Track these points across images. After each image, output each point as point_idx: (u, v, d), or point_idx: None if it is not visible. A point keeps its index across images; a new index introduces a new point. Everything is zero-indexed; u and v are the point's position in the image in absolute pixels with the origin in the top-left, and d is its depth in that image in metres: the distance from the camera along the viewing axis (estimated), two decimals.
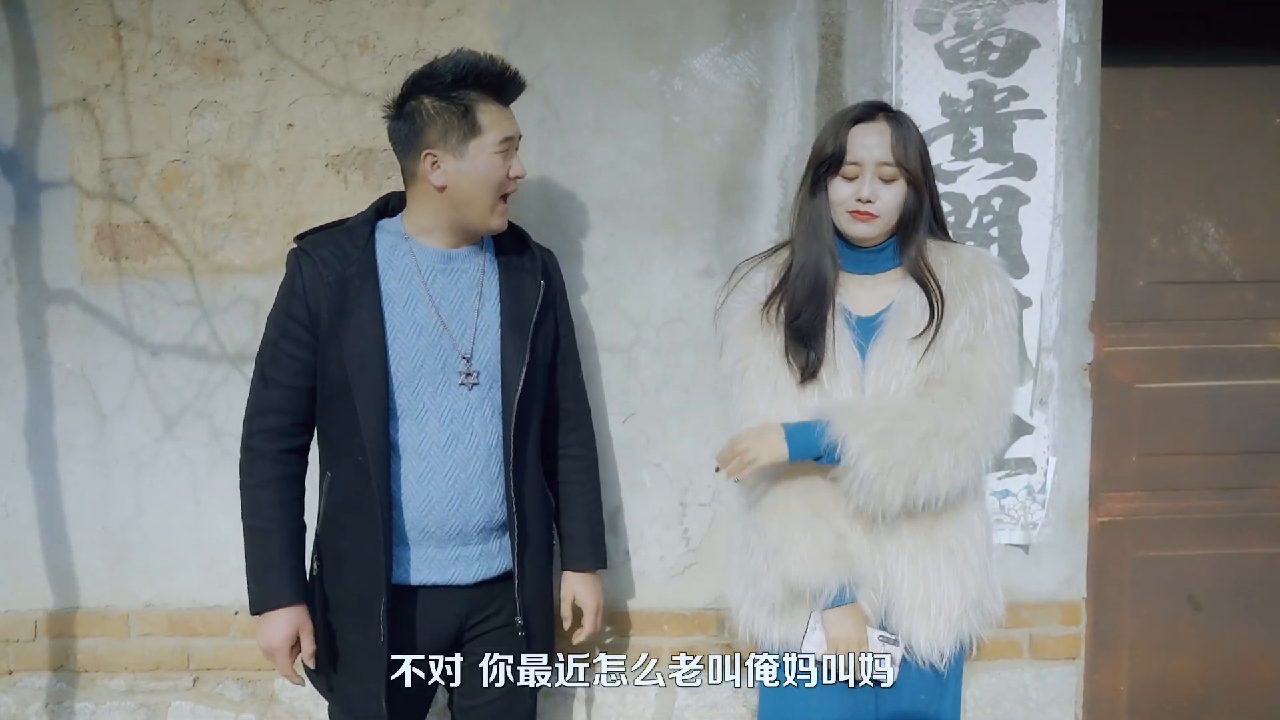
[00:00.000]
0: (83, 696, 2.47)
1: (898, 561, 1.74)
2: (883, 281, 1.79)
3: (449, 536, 1.82)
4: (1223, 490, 2.57)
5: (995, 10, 2.27)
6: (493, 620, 1.89)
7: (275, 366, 1.82)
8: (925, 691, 1.79)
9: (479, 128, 1.76)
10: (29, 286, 2.37)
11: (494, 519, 1.85)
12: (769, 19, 2.31)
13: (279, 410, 1.82)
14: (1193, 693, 2.62)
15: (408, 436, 1.80)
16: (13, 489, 2.43)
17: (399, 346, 1.79)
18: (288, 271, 1.84)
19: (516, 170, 1.82)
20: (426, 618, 1.84)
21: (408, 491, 1.81)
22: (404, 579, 1.83)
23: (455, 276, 1.85)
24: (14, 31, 2.30)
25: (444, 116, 1.76)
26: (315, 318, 1.78)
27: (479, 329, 1.84)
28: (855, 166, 1.71)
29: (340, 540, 1.83)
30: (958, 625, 1.74)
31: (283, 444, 1.84)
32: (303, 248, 1.83)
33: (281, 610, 1.79)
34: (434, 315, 1.82)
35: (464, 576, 1.84)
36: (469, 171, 1.77)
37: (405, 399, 1.79)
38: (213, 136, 2.34)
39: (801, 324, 1.74)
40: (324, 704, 2.47)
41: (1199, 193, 2.50)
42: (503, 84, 1.80)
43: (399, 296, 1.81)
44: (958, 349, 1.70)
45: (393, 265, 1.83)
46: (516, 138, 1.83)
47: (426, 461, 1.80)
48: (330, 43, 2.31)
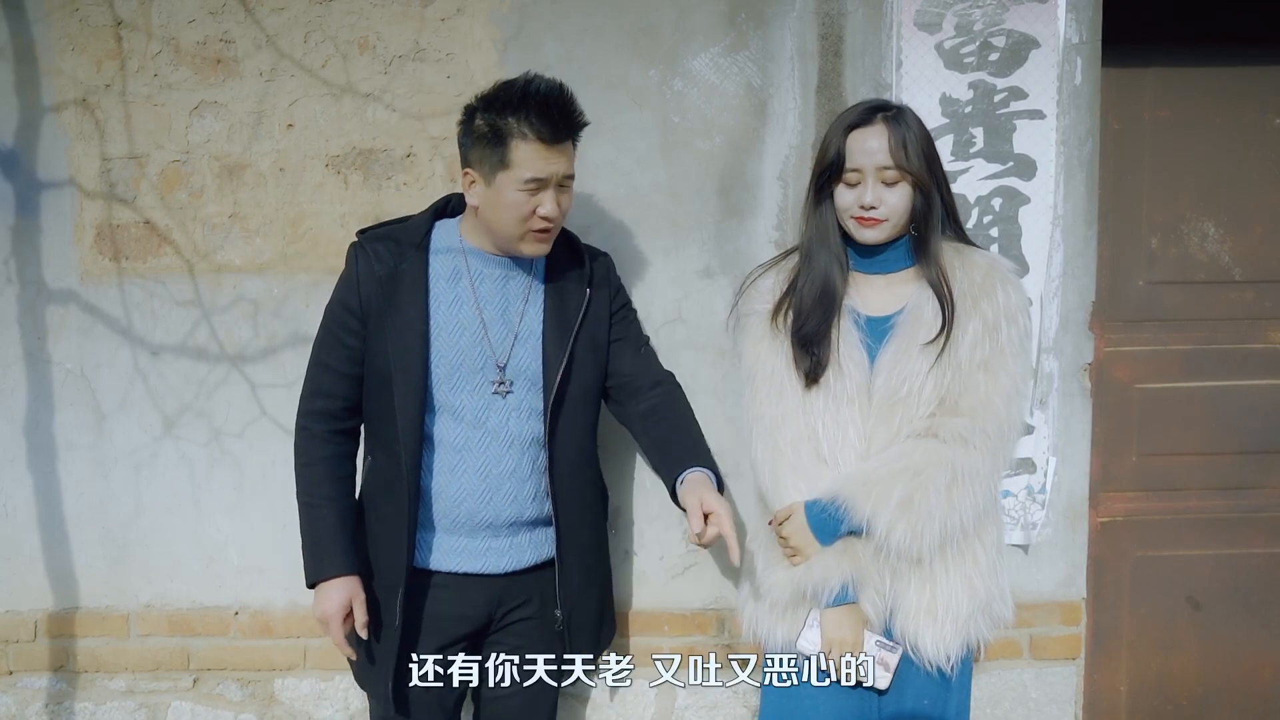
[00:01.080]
0: (83, 697, 2.47)
1: (905, 562, 1.72)
2: (896, 281, 1.78)
3: (479, 528, 1.87)
4: (1222, 490, 2.57)
5: (995, 10, 2.27)
6: (523, 610, 1.93)
7: (328, 352, 1.89)
8: (928, 695, 1.78)
9: (508, 162, 1.74)
10: (29, 286, 2.37)
11: (525, 514, 1.89)
12: (769, 19, 2.31)
13: (330, 394, 1.90)
14: (1192, 693, 2.62)
15: (444, 430, 1.85)
16: (12, 489, 2.43)
17: (441, 344, 1.83)
18: (346, 263, 1.89)
19: (546, 210, 1.76)
20: (455, 603, 1.89)
21: (440, 483, 1.86)
22: (434, 565, 1.88)
23: (503, 282, 1.88)
24: (14, 31, 2.30)
25: (484, 142, 1.76)
26: (366, 309, 1.84)
27: (520, 334, 1.87)
28: (856, 173, 1.70)
29: (375, 523, 1.91)
30: (965, 628, 1.74)
31: (334, 425, 1.91)
32: (361, 241, 1.89)
33: (335, 580, 1.85)
34: (477, 317, 1.86)
35: (495, 566, 1.89)
36: (495, 202, 1.78)
37: (444, 394, 1.84)
38: (213, 136, 2.34)
39: (807, 331, 1.74)
40: (323, 704, 2.48)
41: (1199, 193, 2.50)
42: (549, 118, 1.73)
43: (446, 296, 1.85)
44: (973, 366, 1.69)
45: (443, 265, 1.87)
46: (553, 179, 1.76)
47: (459, 456, 1.85)
48: (330, 43, 2.31)
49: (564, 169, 1.78)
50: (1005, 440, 1.70)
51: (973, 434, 1.67)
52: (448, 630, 1.89)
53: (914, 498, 1.65)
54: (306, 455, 1.90)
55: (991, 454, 1.68)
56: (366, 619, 1.87)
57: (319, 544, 1.87)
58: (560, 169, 1.77)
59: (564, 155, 1.78)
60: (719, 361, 2.37)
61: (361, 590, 1.87)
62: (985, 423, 1.67)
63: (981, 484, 1.68)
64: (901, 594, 1.73)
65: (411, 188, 2.34)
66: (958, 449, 1.67)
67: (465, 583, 1.89)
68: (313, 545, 1.88)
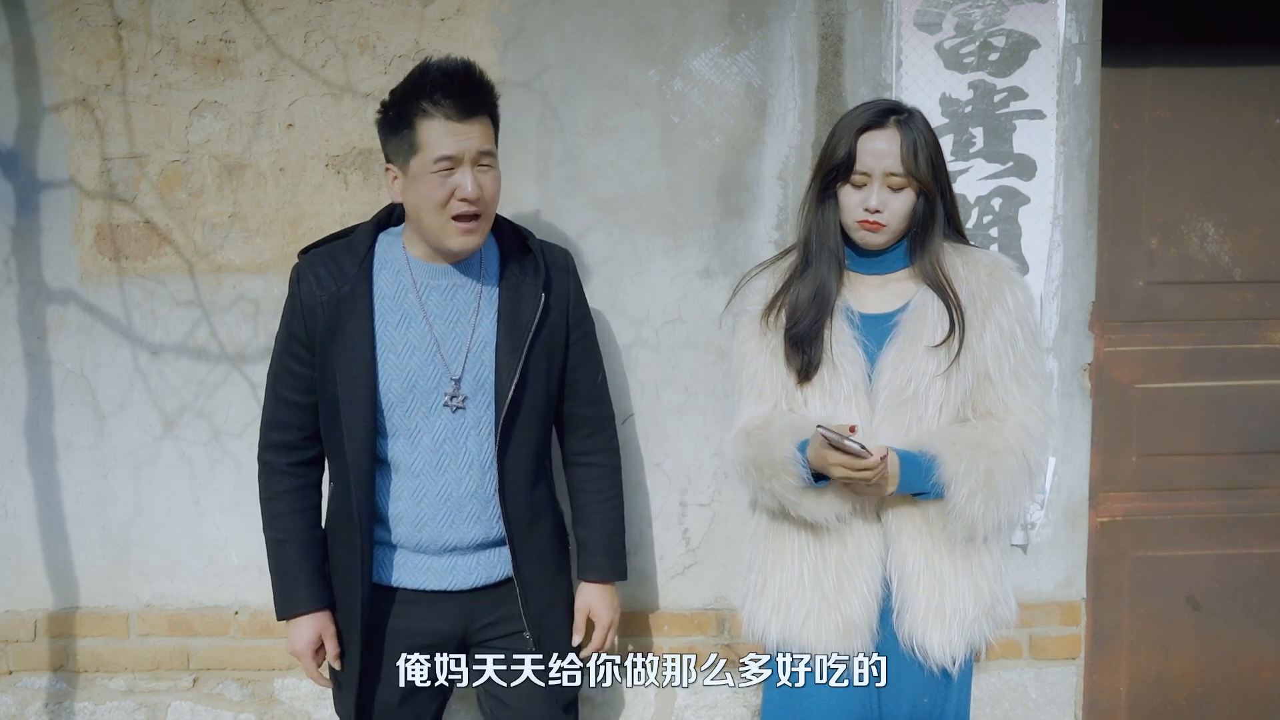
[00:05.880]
0: (83, 696, 2.47)
1: (915, 563, 1.73)
2: (892, 281, 1.78)
3: (444, 550, 1.84)
4: (1222, 490, 2.57)
5: (995, 10, 2.27)
6: (500, 627, 1.90)
7: (281, 382, 1.85)
8: (928, 694, 1.78)
9: (417, 145, 1.67)
10: (29, 286, 2.37)
11: (491, 534, 1.85)
12: (769, 19, 2.31)
13: (286, 425, 1.86)
14: (1192, 693, 2.62)
15: (401, 454, 1.80)
16: (12, 489, 2.43)
17: (390, 366, 1.77)
18: (289, 288, 1.84)
19: (465, 191, 1.67)
20: (425, 620, 1.86)
21: (402, 508, 1.82)
22: (399, 582, 1.85)
23: (451, 293, 1.81)
24: (14, 31, 2.30)
25: (394, 130, 1.71)
26: (311, 336, 1.79)
27: (473, 346, 1.80)
28: (864, 176, 1.70)
29: (335, 548, 1.88)
30: (970, 631, 1.74)
31: (293, 457, 1.87)
32: (301, 265, 1.83)
33: (303, 617, 1.84)
34: (428, 334, 1.79)
35: (462, 583, 1.85)
36: (414, 192, 1.70)
37: (398, 418, 1.79)
38: (213, 136, 2.34)
39: (799, 331, 1.74)
40: (323, 704, 2.48)
41: (1199, 193, 2.50)
42: (452, 92, 1.65)
43: (393, 315, 1.79)
44: (1004, 378, 1.71)
45: (388, 282, 1.80)
46: (466, 155, 1.67)
47: (419, 480, 1.81)
48: (330, 43, 2.31)
49: (477, 145, 1.68)
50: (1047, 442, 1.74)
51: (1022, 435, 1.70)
52: (416, 646, 1.85)
53: (994, 475, 1.66)
54: (269, 490, 1.87)
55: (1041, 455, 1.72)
56: (339, 650, 1.85)
57: (285, 579, 1.86)
58: (473, 145, 1.67)
59: (475, 131, 1.68)
60: (719, 361, 2.37)
61: (331, 623, 1.86)
62: (1031, 428, 1.71)
63: (1035, 481, 1.71)
64: (910, 596, 1.73)
65: None
66: (1025, 440, 1.69)
67: (433, 599, 1.85)
68: (280, 581, 1.86)
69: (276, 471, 1.86)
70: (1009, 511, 1.69)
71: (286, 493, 1.86)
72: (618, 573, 2.02)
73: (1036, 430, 1.72)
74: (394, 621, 1.85)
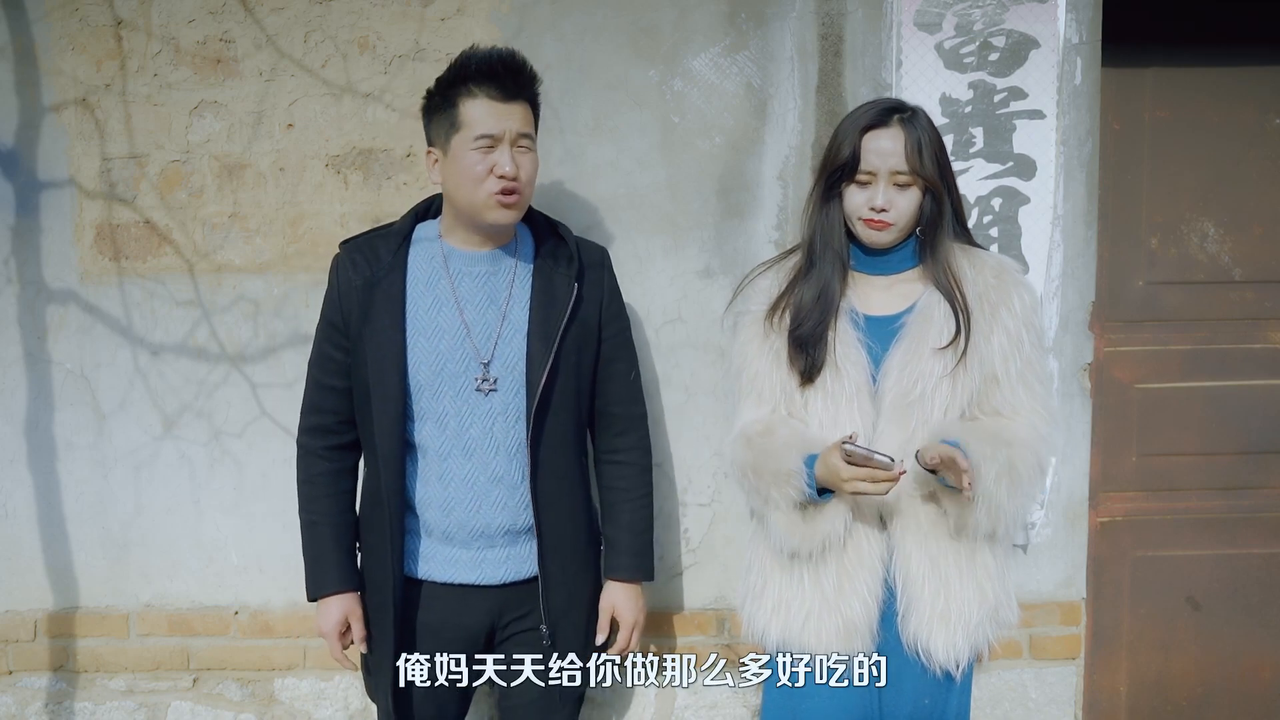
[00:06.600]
0: (83, 696, 2.47)
1: (920, 567, 1.73)
2: (899, 281, 1.77)
3: (472, 537, 1.85)
4: (1222, 490, 2.57)
5: (995, 10, 2.27)
6: (524, 622, 1.91)
7: (319, 367, 1.90)
8: (929, 695, 1.78)
9: (459, 123, 1.73)
10: (29, 286, 2.37)
11: (519, 522, 1.86)
12: (769, 19, 2.31)
13: (324, 410, 1.90)
14: (1192, 693, 2.62)
15: (429, 438, 1.83)
16: (12, 489, 2.43)
17: (419, 350, 1.80)
18: (329, 276, 1.89)
19: (504, 168, 1.72)
20: (455, 614, 1.87)
21: (430, 492, 1.84)
22: (430, 575, 1.86)
23: (484, 279, 1.84)
24: (14, 31, 2.30)
25: (438, 112, 1.77)
26: (347, 321, 1.83)
27: (504, 333, 1.83)
28: (869, 175, 1.69)
29: (367, 534, 1.91)
30: (974, 634, 1.74)
31: (329, 441, 1.90)
32: (340, 252, 1.87)
33: (331, 598, 1.87)
34: (458, 318, 1.82)
35: (492, 577, 1.86)
36: (453, 171, 1.76)
37: (426, 401, 1.81)
38: (213, 136, 2.34)
39: (803, 331, 1.74)
40: (323, 703, 2.48)
41: (1199, 193, 2.50)
42: (496, 76, 1.72)
43: (424, 300, 1.82)
44: (1011, 381, 1.71)
45: (422, 268, 1.84)
46: (506, 135, 1.74)
47: (446, 463, 1.83)
48: (330, 43, 2.31)
49: (518, 126, 1.75)
50: (1054, 440, 1.75)
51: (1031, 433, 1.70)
52: (446, 641, 1.87)
53: (1015, 464, 1.65)
54: (305, 473, 1.91)
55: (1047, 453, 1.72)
56: (365, 633, 1.87)
57: (317, 561, 1.89)
58: (513, 125, 1.74)
59: (516, 113, 1.75)
60: (719, 361, 2.37)
61: (359, 606, 1.88)
62: (1040, 426, 1.71)
63: (1043, 480, 1.74)
64: (915, 599, 1.73)
65: (411, 187, 2.34)
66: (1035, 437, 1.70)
67: (463, 593, 1.86)
68: (311, 562, 1.90)
69: (313, 455, 1.90)
70: (1024, 504, 1.69)
71: (321, 476, 1.89)
72: (644, 572, 2.01)
73: (1044, 430, 1.72)
74: (423, 615, 1.87)
